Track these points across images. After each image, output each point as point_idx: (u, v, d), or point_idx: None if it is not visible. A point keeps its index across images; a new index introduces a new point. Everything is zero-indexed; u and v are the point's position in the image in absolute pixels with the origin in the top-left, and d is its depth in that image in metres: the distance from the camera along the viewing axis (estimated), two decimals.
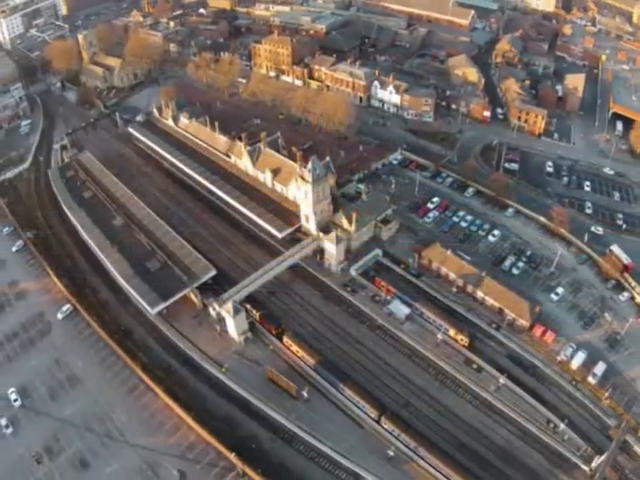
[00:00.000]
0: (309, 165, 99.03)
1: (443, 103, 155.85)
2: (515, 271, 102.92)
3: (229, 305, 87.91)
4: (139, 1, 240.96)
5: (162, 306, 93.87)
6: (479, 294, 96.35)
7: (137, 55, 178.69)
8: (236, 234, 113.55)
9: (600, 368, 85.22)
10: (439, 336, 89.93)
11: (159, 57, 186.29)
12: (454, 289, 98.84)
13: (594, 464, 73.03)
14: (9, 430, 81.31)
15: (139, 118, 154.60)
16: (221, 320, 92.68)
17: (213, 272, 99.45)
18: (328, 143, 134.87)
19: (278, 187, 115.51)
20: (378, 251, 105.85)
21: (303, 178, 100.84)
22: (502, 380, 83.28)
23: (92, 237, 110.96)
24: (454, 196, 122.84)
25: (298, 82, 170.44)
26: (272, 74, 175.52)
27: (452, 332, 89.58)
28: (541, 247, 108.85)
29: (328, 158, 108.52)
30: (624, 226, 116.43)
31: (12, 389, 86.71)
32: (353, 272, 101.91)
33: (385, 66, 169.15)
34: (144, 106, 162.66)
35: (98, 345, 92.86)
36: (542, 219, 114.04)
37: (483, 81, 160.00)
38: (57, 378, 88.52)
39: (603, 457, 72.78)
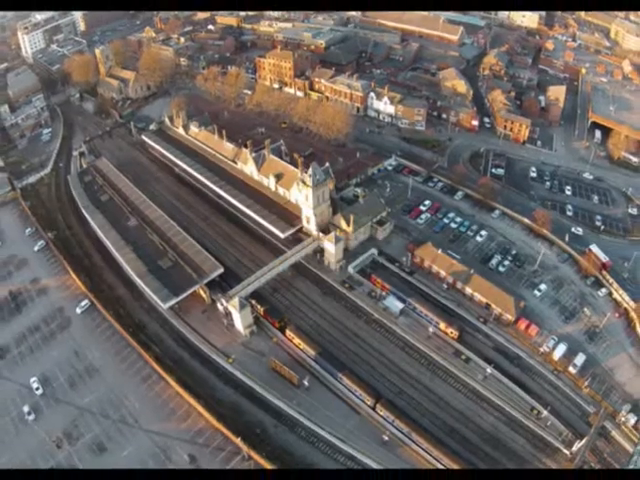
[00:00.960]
0: (310, 170, 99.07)
1: (434, 113, 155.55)
2: (501, 269, 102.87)
3: (235, 300, 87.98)
4: (152, 18, 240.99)
5: (173, 301, 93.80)
6: (468, 290, 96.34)
7: (150, 68, 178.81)
8: (242, 234, 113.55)
9: (580, 359, 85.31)
10: (430, 329, 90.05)
11: (170, 70, 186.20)
12: (445, 286, 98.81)
13: (575, 448, 73.21)
14: (31, 417, 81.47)
15: (152, 127, 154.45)
16: (228, 314, 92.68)
17: (221, 270, 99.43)
18: (327, 150, 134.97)
19: (281, 191, 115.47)
20: (374, 250, 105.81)
21: (304, 182, 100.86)
22: (489, 370, 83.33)
23: (108, 237, 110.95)
24: (444, 199, 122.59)
25: (300, 93, 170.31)
26: (275, 86, 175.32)
27: (443, 325, 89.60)
28: (525, 247, 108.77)
29: (327, 164, 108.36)
30: (602, 227, 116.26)
31: (34, 378, 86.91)
32: (351, 270, 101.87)
33: (380, 78, 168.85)
34: (157, 116, 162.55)
35: (114, 338, 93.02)
36: (526, 221, 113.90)
37: (471, 92, 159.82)
38: (76, 368, 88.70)
39: (583, 442, 73.04)
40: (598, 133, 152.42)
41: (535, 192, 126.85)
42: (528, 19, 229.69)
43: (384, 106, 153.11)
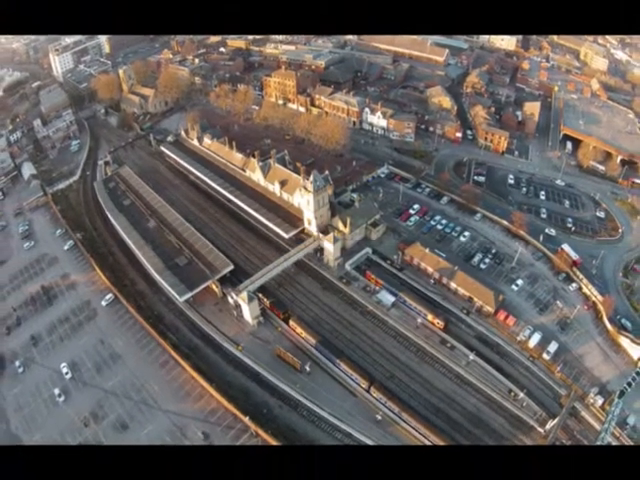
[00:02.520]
0: (311, 178, 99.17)
1: (422, 126, 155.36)
2: (482, 266, 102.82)
3: (244, 294, 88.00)
4: (169, 42, 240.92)
5: (189, 295, 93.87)
6: (452, 285, 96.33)
7: (168, 86, 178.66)
8: (250, 235, 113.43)
9: (553, 347, 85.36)
10: (419, 320, 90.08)
11: (186, 88, 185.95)
12: (432, 281, 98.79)
13: (548, 426, 73.24)
14: (61, 399, 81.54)
15: (169, 139, 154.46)
16: (238, 307, 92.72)
17: (231, 267, 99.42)
18: (327, 159, 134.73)
19: (285, 196, 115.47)
20: (368, 249, 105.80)
21: (306, 188, 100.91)
22: (471, 356, 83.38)
23: (130, 237, 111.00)
24: (431, 204, 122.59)
25: (302, 109, 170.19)
26: (280, 102, 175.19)
27: (430, 317, 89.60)
28: (504, 246, 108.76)
29: (327, 172, 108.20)
30: (573, 228, 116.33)
31: (64, 364, 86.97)
32: (347, 267, 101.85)
33: (374, 95, 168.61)
34: (174, 129, 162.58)
35: (135, 328, 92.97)
36: (505, 223, 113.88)
37: (455, 108, 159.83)
38: (101, 355, 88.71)
39: (555, 421, 73.01)
40: (569, 144, 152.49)
41: (513, 197, 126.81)
42: (506, 42, 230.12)
43: (377, 120, 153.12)
